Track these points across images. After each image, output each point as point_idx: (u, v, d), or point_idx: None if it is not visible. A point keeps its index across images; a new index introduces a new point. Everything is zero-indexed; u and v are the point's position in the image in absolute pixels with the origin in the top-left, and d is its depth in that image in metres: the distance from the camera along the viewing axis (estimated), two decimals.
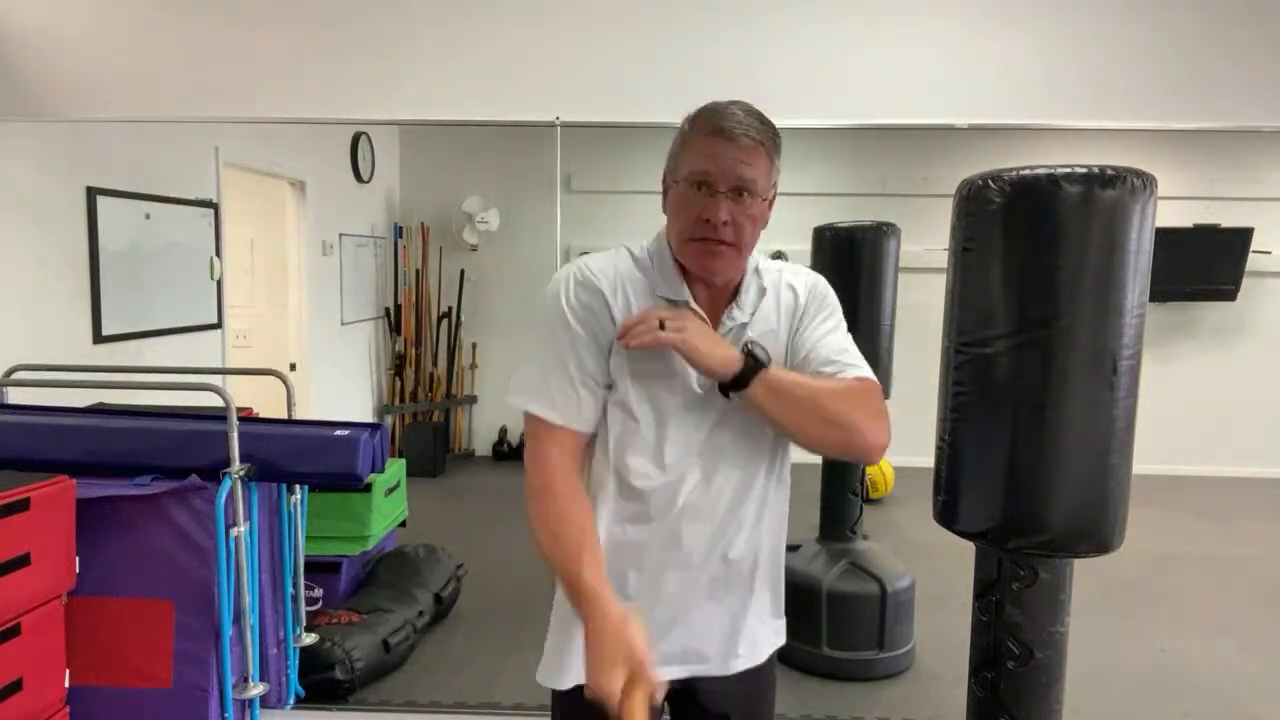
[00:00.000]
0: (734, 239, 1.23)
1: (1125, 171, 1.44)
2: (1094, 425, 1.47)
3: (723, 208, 1.20)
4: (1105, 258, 1.44)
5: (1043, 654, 1.58)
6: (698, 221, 1.22)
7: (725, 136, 1.20)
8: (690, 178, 1.22)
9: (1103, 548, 1.52)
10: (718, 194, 1.20)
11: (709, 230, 1.21)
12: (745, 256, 1.28)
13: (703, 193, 1.21)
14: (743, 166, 1.20)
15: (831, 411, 1.23)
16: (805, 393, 1.24)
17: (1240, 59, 2.37)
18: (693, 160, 1.22)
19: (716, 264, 1.25)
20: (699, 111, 1.26)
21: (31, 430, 2.31)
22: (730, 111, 1.22)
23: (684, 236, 1.25)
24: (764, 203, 1.25)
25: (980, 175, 1.52)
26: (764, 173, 1.23)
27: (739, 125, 1.20)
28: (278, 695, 2.58)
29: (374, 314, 5.67)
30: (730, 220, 1.21)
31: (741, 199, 1.21)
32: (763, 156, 1.22)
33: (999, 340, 1.50)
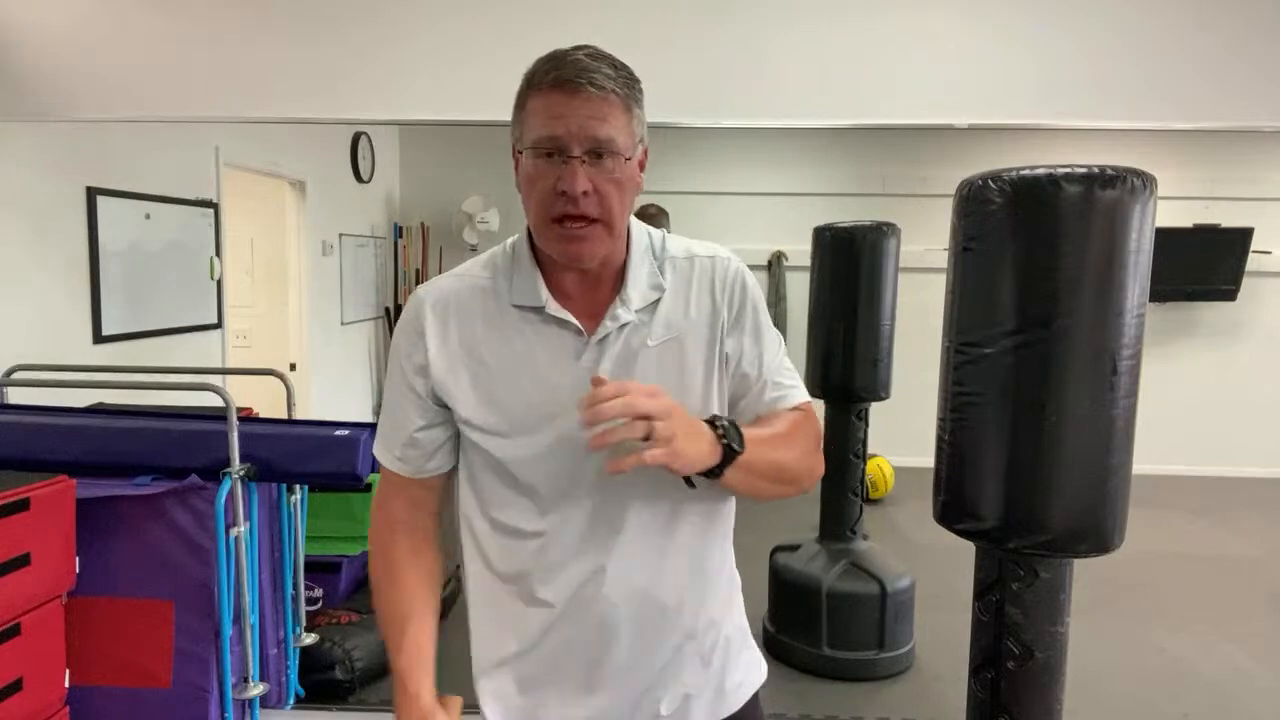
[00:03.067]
0: (599, 212, 1.01)
1: (1125, 171, 1.44)
2: (1094, 425, 1.47)
3: (580, 175, 0.99)
4: (1105, 258, 1.45)
5: (1043, 654, 1.58)
6: (553, 196, 1.01)
7: (569, 89, 0.99)
8: (536, 144, 1.01)
9: (1103, 548, 1.52)
10: (571, 159, 0.99)
11: (568, 205, 1.00)
12: (618, 231, 1.06)
13: (554, 160, 1.00)
14: (595, 123, 0.99)
15: (788, 473, 1.10)
16: (771, 464, 1.08)
17: (1240, 59, 2.37)
18: (538, 123, 1.01)
19: (584, 249, 1.03)
20: (535, 63, 1.04)
21: (31, 430, 2.31)
22: (572, 58, 1.01)
23: (541, 218, 1.03)
24: (630, 163, 1.03)
25: (980, 175, 1.53)
26: (623, 127, 1.01)
27: (583, 74, 0.99)
28: (278, 695, 2.58)
29: (374, 314, 5.67)
30: (592, 189, 1.00)
31: (601, 162, 1.00)
32: (617, 108, 1.01)
33: (999, 340, 1.50)
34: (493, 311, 1.09)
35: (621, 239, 1.09)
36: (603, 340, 1.08)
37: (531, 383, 1.07)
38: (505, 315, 1.09)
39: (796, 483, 1.11)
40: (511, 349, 1.08)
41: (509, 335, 1.08)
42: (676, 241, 1.16)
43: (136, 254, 3.35)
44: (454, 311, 1.10)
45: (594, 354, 1.07)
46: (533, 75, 1.04)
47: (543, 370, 1.07)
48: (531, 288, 1.08)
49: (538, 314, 1.08)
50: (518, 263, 1.11)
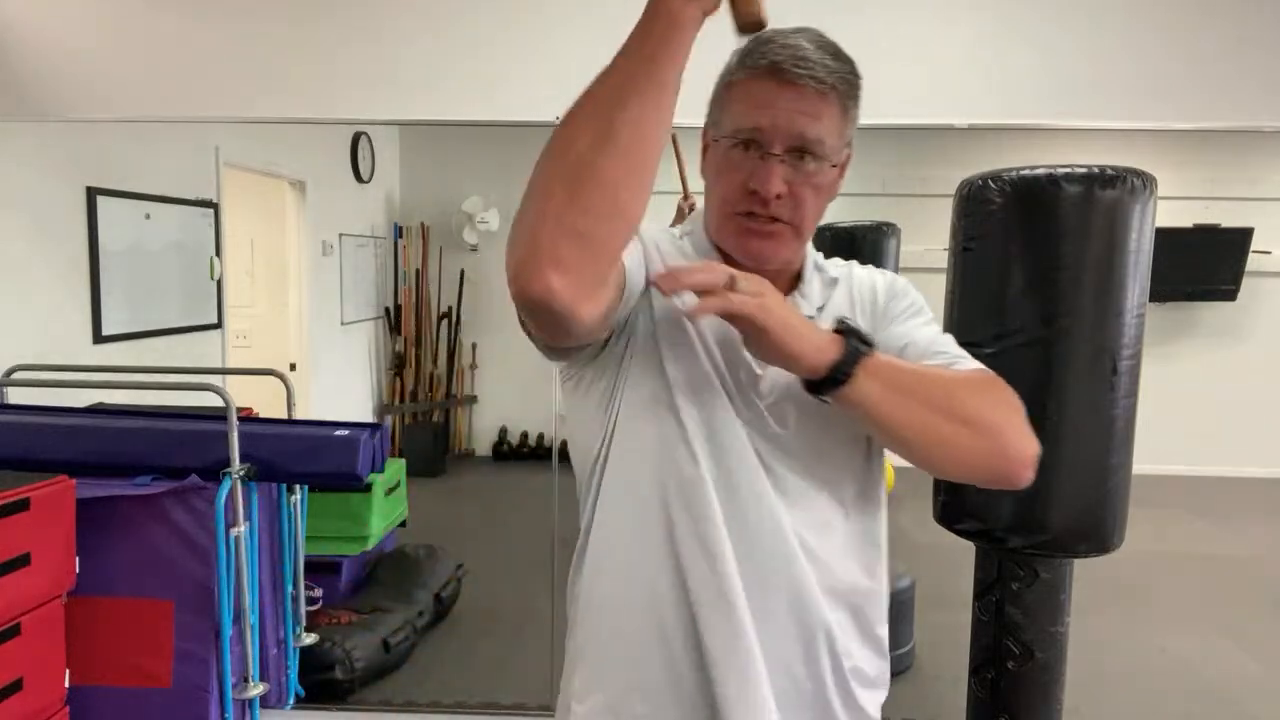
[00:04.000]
0: (790, 216, 0.92)
1: (1125, 171, 1.44)
2: (1094, 425, 1.48)
3: (776, 175, 0.90)
4: (1105, 258, 1.45)
5: (1043, 654, 1.58)
6: (743, 192, 0.92)
7: (784, 78, 0.88)
8: (735, 133, 0.92)
9: (1103, 548, 1.53)
10: (770, 156, 0.90)
11: (756, 204, 0.91)
12: (805, 239, 0.97)
13: (751, 154, 0.91)
14: (805, 120, 0.89)
15: (968, 406, 0.88)
16: (928, 382, 0.89)
17: (1241, 59, 2.37)
18: (739, 110, 0.92)
19: (766, 247, 0.94)
20: (750, 43, 0.92)
21: (31, 430, 2.31)
22: (793, 43, 0.90)
23: (725, 210, 0.95)
24: (833, 169, 0.94)
25: (980, 175, 1.53)
26: (834, 129, 0.91)
27: (803, 63, 0.88)
28: (278, 695, 2.58)
29: (374, 314, 5.67)
30: (787, 192, 0.91)
31: (803, 163, 0.91)
32: (833, 106, 0.90)
33: (999, 340, 1.50)
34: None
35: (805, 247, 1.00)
36: None
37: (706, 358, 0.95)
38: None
39: (993, 434, 0.88)
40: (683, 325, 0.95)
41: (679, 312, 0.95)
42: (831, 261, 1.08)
43: (136, 254, 3.35)
44: (659, 249, 0.98)
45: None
46: (745, 54, 0.92)
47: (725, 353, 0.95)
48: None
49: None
50: (695, 247, 1.00)
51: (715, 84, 0.97)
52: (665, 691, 0.94)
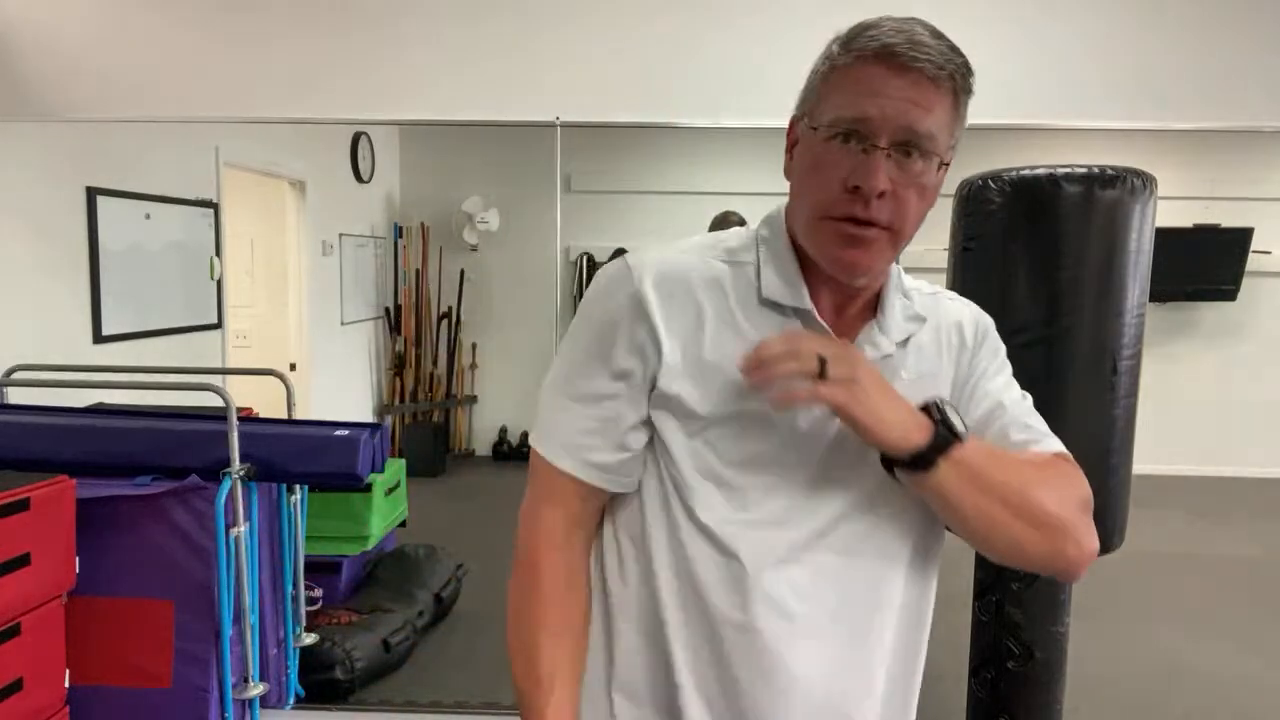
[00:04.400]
0: (891, 220, 0.82)
1: (1125, 171, 1.44)
2: (1094, 425, 1.48)
3: (882, 171, 0.80)
4: (1105, 258, 1.45)
5: (1043, 654, 1.58)
6: (841, 191, 0.81)
7: (896, 63, 0.79)
8: (835, 124, 0.81)
9: (1103, 548, 1.52)
10: (876, 150, 0.80)
11: (858, 205, 0.81)
12: (901, 249, 0.86)
13: (852, 148, 0.81)
14: (918, 112, 0.79)
15: (1043, 508, 0.83)
16: (1008, 477, 0.83)
17: (1241, 59, 2.37)
18: (842, 99, 0.82)
19: (862, 256, 0.83)
20: (857, 26, 0.83)
21: (31, 430, 2.31)
22: (907, 28, 0.82)
23: (817, 212, 0.83)
24: (940, 170, 0.85)
25: (980, 175, 1.53)
26: (946, 124, 0.82)
27: (920, 47, 0.80)
28: (278, 695, 2.58)
29: (374, 314, 5.67)
30: (891, 191, 0.81)
31: (910, 160, 0.81)
32: (947, 99, 0.82)
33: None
34: (728, 304, 0.88)
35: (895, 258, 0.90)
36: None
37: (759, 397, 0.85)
38: (746, 310, 0.88)
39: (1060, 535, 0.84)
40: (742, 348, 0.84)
41: (741, 332, 0.87)
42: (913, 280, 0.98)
43: (136, 254, 3.35)
44: (684, 291, 0.88)
45: None
46: (850, 38, 0.83)
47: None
48: (791, 284, 0.88)
49: (781, 313, 0.88)
50: (772, 253, 0.90)
51: (811, 71, 0.87)
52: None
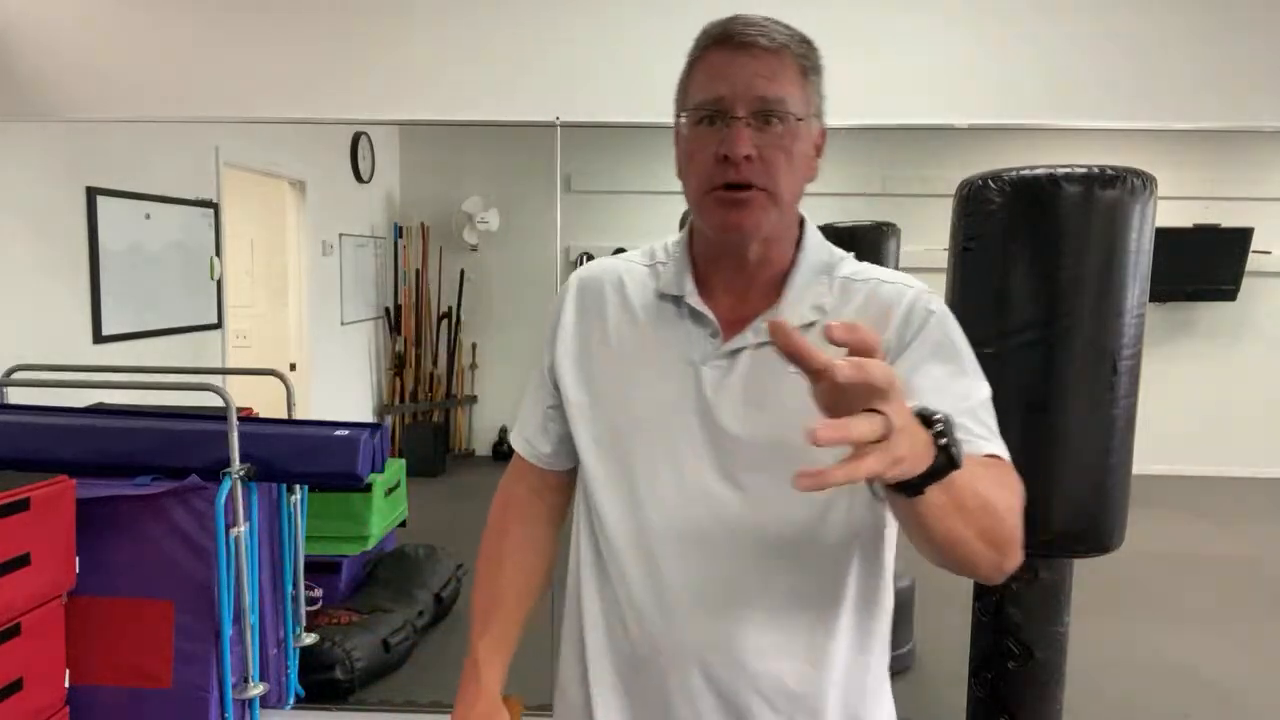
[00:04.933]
0: (764, 181, 0.88)
1: (1125, 171, 1.44)
2: (1094, 425, 1.48)
3: (744, 136, 0.87)
4: (1105, 258, 1.45)
5: (1043, 654, 1.58)
6: (714, 163, 0.88)
7: (736, 44, 0.89)
8: (697, 109, 0.90)
9: (1103, 548, 1.53)
10: (736, 120, 0.87)
11: (729, 171, 0.88)
12: (785, 205, 0.92)
13: (717, 127, 0.89)
14: (763, 81, 0.87)
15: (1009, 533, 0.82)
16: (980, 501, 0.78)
17: (1241, 59, 2.37)
18: (699, 85, 0.91)
19: (745, 217, 0.89)
20: (705, 27, 0.94)
21: (31, 430, 2.31)
22: (743, 17, 0.91)
23: (700, 189, 0.91)
24: (804, 131, 0.91)
25: (980, 175, 1.53)
26: (796, 90, 0.89)
27: (753, 26, 0.89)
28: (278, 695, 2.58)
29: (374, 314, 5.67)
30: (757, 155, 0.87)
31: (770, 126, 0.88)
32: (791, 68, 0.89)
33: (999, 340, 1.50)
34: (635, 299, 1.00)
35: (789, 222, 0.95)
36: (735, 353, 0.93)
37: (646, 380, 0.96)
38: (646, 303, 0.99)
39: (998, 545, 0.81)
40: (639, 338, 0.98)
41: (639, 325, 0.98)
42: (863, 266, 0.98)
43: (136, 254, 3.35)
44: (596, 293, 1.02)
45: (721, 366, 0.93)
46: (699, 38, 0.94)
47: (663, 368, 0.95)
48: (678, 277, 0.97)
49: (676, 305, 0.97)
50: (677, 252, 1.00)
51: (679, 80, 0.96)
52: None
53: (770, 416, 0.90)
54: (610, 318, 1.00)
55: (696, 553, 0.92)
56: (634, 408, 0.96)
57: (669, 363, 0.95)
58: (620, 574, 0.96)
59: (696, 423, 0.93)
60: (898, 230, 3.15)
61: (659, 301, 0.98)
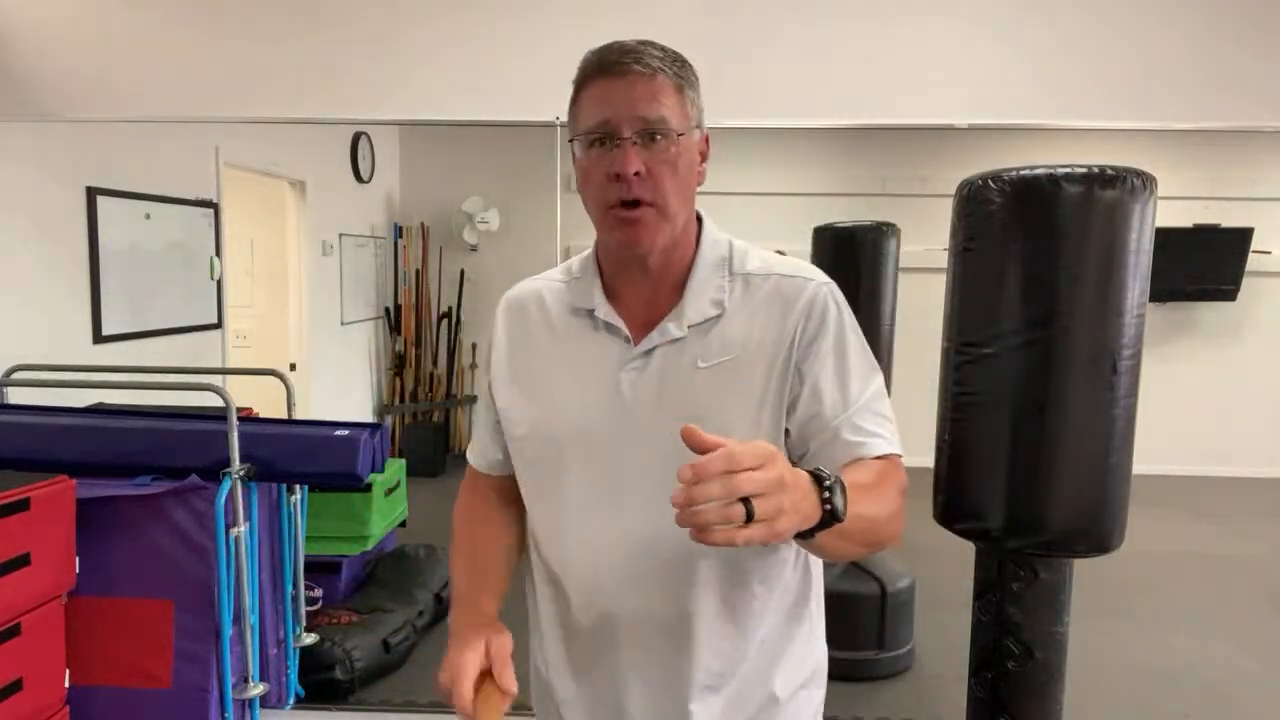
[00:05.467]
0: (652, 196, 0.95)
1: (1125, 171, 1.44)
2: (1094, 425, 1.47)
3: (631, 155, 0.94)
4: (1105, 258, 1.45)
5: (1043, 654, 1.58)
6: (607, 182, 0.96)
7: (615, 72, 0.95)
8: (587, 134, 0.97)
9: (1103, 548, 1.53)
10: (623, 141, 0.94)
11: (621, 189, 0.95)
12: (673, 216, 0.98)
13: (607, 148, 0.95)
14: (644, 103, 0.94)
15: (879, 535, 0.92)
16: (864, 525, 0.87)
17: (1240, 59, 2.37)
18: (584, 113, 0.98)
19: (640, 232, 0.96)
20: (585, 55, 1.00)
21: (31, 430, 2.31)
22: (616, 45, 0.98)
23: (599, 208, 0.98)
24: (685, 144, 0.98)
25: (980, 175, 1.53)
26: (674, 107, 0.96)
27: (627, 55, 0.96)
28: (278, 695, 2.58)
29: (374, 314, 5.67)
30: (646, 172, 0.94)
31: (654, 144, 0.95)
32: (667, 87, 0.96)
33: (999, 340, 1.50)
34: (554, 315, 1.07)
35: (680, 230, 1.01)
36: (648, 354, 1.00)
37: (570, 389, 1.03)
38: (563, 318, 1.06)
39: (880, 546, 0.95)
40: (560, 352, 1.05)
41: (560, 339, 1.06)
42: (760, 257, 1.05)
43: (136, 254, 3.35)
44: (521, 312, 1.10)
45: (636, 367, 1.00)
46: (580, 69, 1.00)
47: (584, 378, 1.02)
48: (587, 291, 1.05)
49: (589, 318, 1.04)
50: (585, 267, 1.08)
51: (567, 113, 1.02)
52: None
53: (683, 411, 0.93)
54: (534, 334, 1.07)
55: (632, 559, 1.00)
56: (561, 417, 1.02)
57: (589, 371, 1.02)
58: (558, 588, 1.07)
59: (619, 423, 1.00)
60: (898, 230, 3.15)
61: (573, 316, 1.05)
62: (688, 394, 0.98)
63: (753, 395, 0.98)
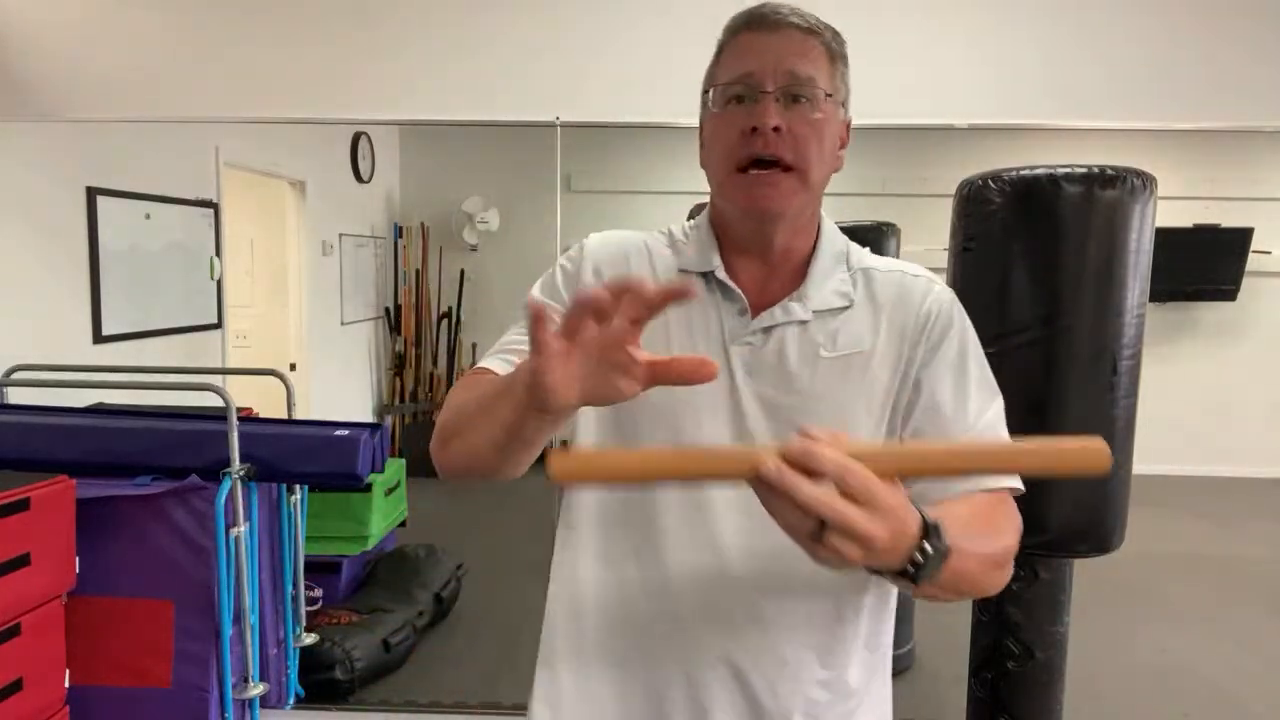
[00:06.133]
0: (793, 157, 0.86)
1: (1125, 171, 1.44)
2: (1094, 425, 1.47)
3: (772, 109, 0.85)
4: (1105, 258, 1.45)
5: (1043, 654, 1.58)
6: (741, 138, 0.86)
7: (765, 24, 0.88)
8: (726, 88, 0.88)
9: (1103, 548, 1.53)
10: (764, 95, 0.85)
11: (757, 144, 0.85)
12: (813, 185, 0.89)
13: (745, 105, 0.87)
14: (795, 59, 0.86)
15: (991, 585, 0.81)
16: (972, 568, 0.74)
17: (1241, 59, 2.37)
18: (728, 66, 0.89)
19: (773, 196, 0.87)
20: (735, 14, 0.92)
21: (31, 430, 2.31)
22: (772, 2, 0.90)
23: (726, 167, 0.89)
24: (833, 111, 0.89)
25: (980, 175, 1.53)
26: (823, 70, 0.88)
27: (782, 10, 0.88)
28: (278, 695, 2.58)
29: (374, 314, 5.67)
30: (786, 129, 0.85)
31: (798, 104, 0.86)
32: (821, 51, 0.88)
33: (999, 340, 1.50)
34: (660, 270, 0.95)
35: (814, 209, 0.94)
36: (768, 330, 0.90)
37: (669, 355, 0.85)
38: (670, 278, 0.94)
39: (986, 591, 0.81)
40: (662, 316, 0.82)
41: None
42: (882, 258, 0.98)
43: (136, 254, 3.35)
44: (621, 258, 0.96)
45: (754, 344, 0.90)
46: (729, 23, 0.92)
47: (688, 345, 0.91)
48: (704, 254, 0.94)
49: (704, 281, 0.93)
50: (696, 231, 0.97)
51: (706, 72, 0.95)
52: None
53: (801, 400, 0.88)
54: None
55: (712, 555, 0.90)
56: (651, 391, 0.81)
57: (695, 341, 0.91)
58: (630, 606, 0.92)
59: (725, 405, 0.90)
60: (898, 230, 3.15)
61: (683, 276, 0.94)
62: (809, 387, 0.89)
63: (877, 396, 0.90)
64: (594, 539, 0.95)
